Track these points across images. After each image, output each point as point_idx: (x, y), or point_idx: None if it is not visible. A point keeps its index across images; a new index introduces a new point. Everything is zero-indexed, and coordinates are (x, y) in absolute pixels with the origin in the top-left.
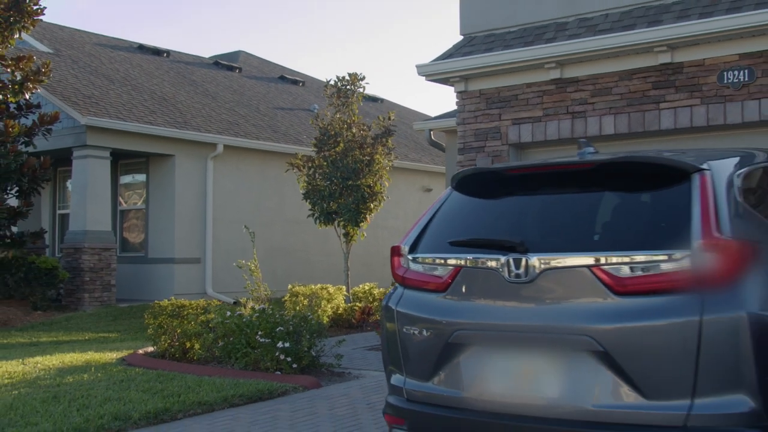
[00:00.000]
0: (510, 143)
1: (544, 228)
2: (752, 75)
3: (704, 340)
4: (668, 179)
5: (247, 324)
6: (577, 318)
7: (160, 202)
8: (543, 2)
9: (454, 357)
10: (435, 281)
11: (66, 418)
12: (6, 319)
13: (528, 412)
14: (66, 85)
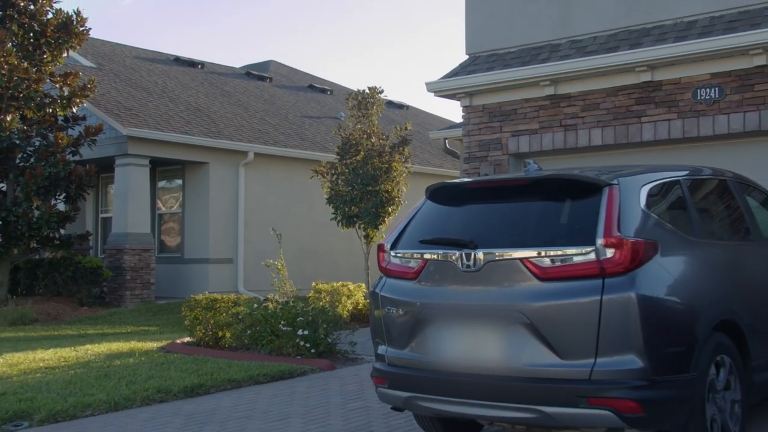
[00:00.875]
0: (510, 153)
1: (490, 229)
2: (722, 92)
3: (603, 315)
4: (585, 192)
5: (272, 315)
6: (511, 298)
7: (195, 206)
8: (538, 26)
9: (422, 330)
10: (409, 271)
11: (117, 391)
12: (56, 313)
13: (476, 371)
14: (109, 98)
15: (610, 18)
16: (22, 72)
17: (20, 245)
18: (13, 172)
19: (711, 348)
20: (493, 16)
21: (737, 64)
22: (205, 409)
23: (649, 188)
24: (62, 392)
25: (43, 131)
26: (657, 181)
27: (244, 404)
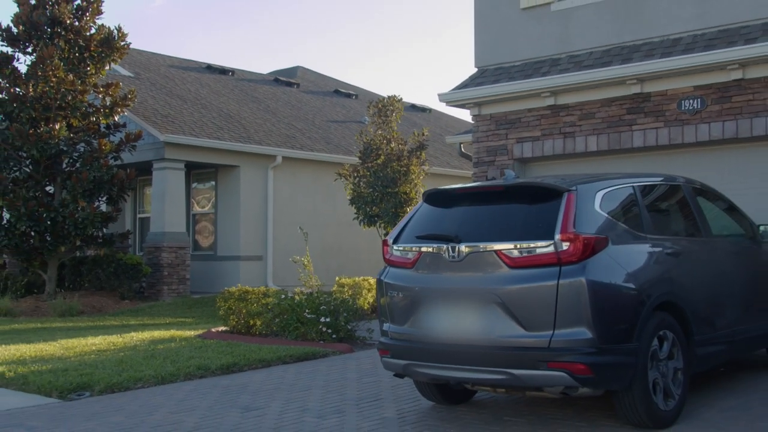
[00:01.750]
0: (515, 158)
1: (472, 226)
2: (704, 103)
3: (560, 295)
4: (549, 197)
5: (298, 305)
6: (487, 282)
7: (227, 206)
8: (540, 42)
9: (417, 309)
10: (407, 261)
11: (162, 368)
12: (100, 306)
13: (459, 341)
14: (146, 106)
15: (604, 35)
16: (69, 84)
17: (67, 243)
18: (61, 176)
19: (654, 324)
20: (499, 34)
21: (717, 77)
22: (239, 383)
23: (604, 193)
24: (116, 369)
25: (88, 138)
26: (611, 188)
27: (273, 379)
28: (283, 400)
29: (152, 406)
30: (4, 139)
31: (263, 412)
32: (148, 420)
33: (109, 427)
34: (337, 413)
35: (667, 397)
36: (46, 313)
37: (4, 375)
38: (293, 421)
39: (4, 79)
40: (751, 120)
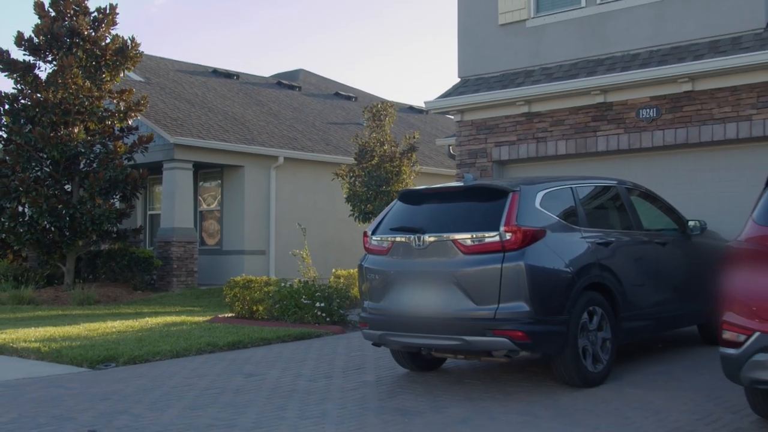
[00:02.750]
0: (493, 160)
1: (435, 220)
2: (659, 112)
3: (503, 276)
4: (497, 196)
5: (296, 291)
6: (446, 266)
7: (232, 204)
8: (516, 55)
9: (390, 288)
10: (383, 249)
11: (176, 344)
12: (115, 296)
13: (424, 314)
14: (157, 110)
15: (572, 50)
16: (87, 91)
17: (84, 238)
18: (78, 175)
19: (584, 301)
20: (480, 47)
21: (670, 89)
22: (243, 357)
23: (544, 193)
24: (136, 345)
25: (104, 141)
26: (551, 189)
27: (272, 354)
28: (280, 369)
29: (169, 374)
30: (27, 142)
31: (263, 377)
32: (167, 383)
33: (135, 387)
34: (325, 378)
35: (596, 362)
36: (65, 301)
37: (39, 350)
38: (288, 383)
39: (26, 85)
40: (699, 128)
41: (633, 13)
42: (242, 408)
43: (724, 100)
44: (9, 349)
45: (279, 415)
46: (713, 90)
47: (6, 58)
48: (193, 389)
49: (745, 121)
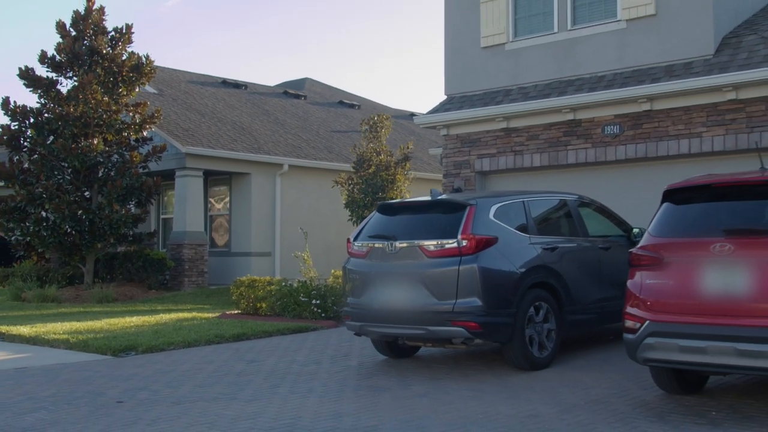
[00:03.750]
0: (476, 171)
1: (405, 229)
2: (621, 129)
3: (460, 276)
4: (457, 209)
5: (295, 290)
6: (413, 267)
7: (240, 209)
8: (496, 76)
9: (368, 286)
10: (362, 253)
11: (188, 335)
12: (131, 295)
13: (394, 308)
14: (169, 120)
15: (546, 72)
16: (105, 105)
17: (103, 241)
18: (97, 183)
19: (530, 297)
20: (464, 68)
21: (631, 108)
22: (247, 347)
23: (497, 207)
24: (153, 337)
25: (121, 151)
26: (504, 202)
27: (272, 344)
28: (278, 356)
29: (182, 360)
30: (50, 152)
31: (263, 363)
32: (180, 367)
33: (152, 371)
34: (315, 363)
35: (542, 349)
36: (85, 299)
37: (68, 341)
38: (283, 368)
39: (49, 100)
40: (656, 143)
41: (599, 39)
42: (243, 386)
43: (678, 118)
44: (41, 340)
45: (273, 391)
46: (669, 109)
47: (31, 75)
48: (202, 372)
49: (696, 137)
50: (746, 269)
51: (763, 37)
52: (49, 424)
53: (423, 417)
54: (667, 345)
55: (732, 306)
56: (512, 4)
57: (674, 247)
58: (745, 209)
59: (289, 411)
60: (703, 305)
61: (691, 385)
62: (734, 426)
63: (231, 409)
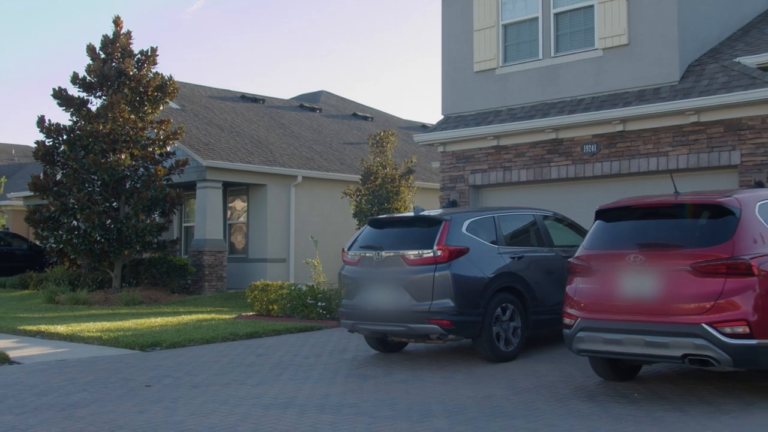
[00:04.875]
0: (470, 185)
1: (391, 241)
2: (598, 148)
3: (435, 281)
4: (434, 223)
5: (303, 293)
6: (397, 274)
7: (256, 218)
8: (488, 98)
9: (359, 289)
10: (354, 261)
11: (206, 333)
12: (155, 298)
13: (380, 308)
14: (191, 136)
15: (531, 95)
16: (132, 123)
17: (129, 248)
18: (124, 194)
19: (497, 300)
20: (459, 91)
21: (606, 129)
22: (257, 343)
23: (470, 221)
24: (175, 334)
25: (146, 165)
26: (476, 218)
27: (281, 341)
28: (284, 351)
29: (200, 354)
30: (82, 166)
31: (271, 356)
32: (199, 360)
33: (175, 362)
34: (315, 356)
35: (508, 344)
36: (114, 302)
37: (101, 338)
38: (288, 360)
39: (80, 118)
40: (629, 161)
41: (579, 66)
42: (251, 374)
43: (648, 138)
44: (77, 337)
45: (276, 378)
46: (640, 130)
47: (64, 95)
48: (217, 363)
49: (663, 156)
50: (653, 277)
51: (723, 66)
52: (91, 402)
53: (396, 397)
54: (594, 338)
55: (642, 306)
56: (502, 32)
57: (600, 258)
58: (656, 226)
59: (287, 393)
60: (621, 306)
61: (624, 373)
62: (648, 404)
63: (240, 391)
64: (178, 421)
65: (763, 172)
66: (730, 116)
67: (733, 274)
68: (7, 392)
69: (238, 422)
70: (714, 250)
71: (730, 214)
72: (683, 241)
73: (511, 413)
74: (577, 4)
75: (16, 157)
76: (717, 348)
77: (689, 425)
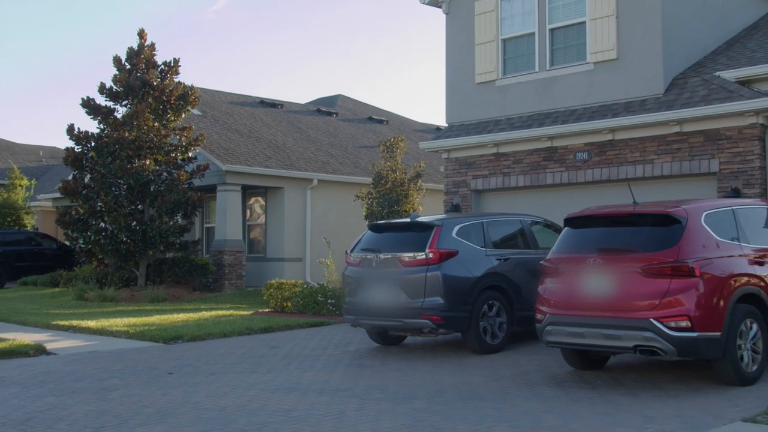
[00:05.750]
0: (472, 190)
1: (388, 244)
2: (590, 155)
3: (427, 281)
4: (426, 229)
5: (314, 291)
6: (393, 273)
7: (274, 219)
8: (488, 108)
9: (360, 288)
10: (356, 262)
11: (224, 328)
12: (178, 295)
13: (379, 305)
14: (212, 141)
15: (529, 105)
16: (155, 130)
17: (154, 248)
18: (149, 198)
19: (484, 297)
20: (462, 101)
21: (597, 138)
22: (271, 337)
23: (459, 227)
24: (196, 329)
25: (169, 170)
26: (465, 223)
27: (292, 335)
28: (294, 344)
29: (218, 346)
30: (109, 171)
31: (281, 348)
32: (216, 351)
33: (195, 354)
34: (322, 348)
35: (494, 337)
36: (139, 299)
37: (128, 332)
38: (297, 351)
39: (107, 126)
40: (618, 168)
41: (572, 78)
42: (262, 364)
43: (635, 147)
44: (106, 331)
45: (284, 367)
46: (627, 139)
47: (92, 104)
48: (233, 355)
49: (649, 164)
50: (609, 277)
51: (704, 80)
52: (120, 386)
53: (388, 383)
54: (560, 331)
55: (600, 303)
56: (501, 46)
57: (566, 261)
58: (614, 233)
59: (293, 379)
60: (583, 303)
61: (593, 363)
62: (607, 389)
63: (251, 378)
64: (196, 402)
65: (740, 179)
66: (710, 127)
67: (677, 276)
68: (47, 378)
69: (247, 403)
70: (661, 254)
71: (677, 223)
72: (636, 246)
73: (484, 396)
74: (571, 20)
75: (44, 158)
76: (663, 340)
77: (635, 405)
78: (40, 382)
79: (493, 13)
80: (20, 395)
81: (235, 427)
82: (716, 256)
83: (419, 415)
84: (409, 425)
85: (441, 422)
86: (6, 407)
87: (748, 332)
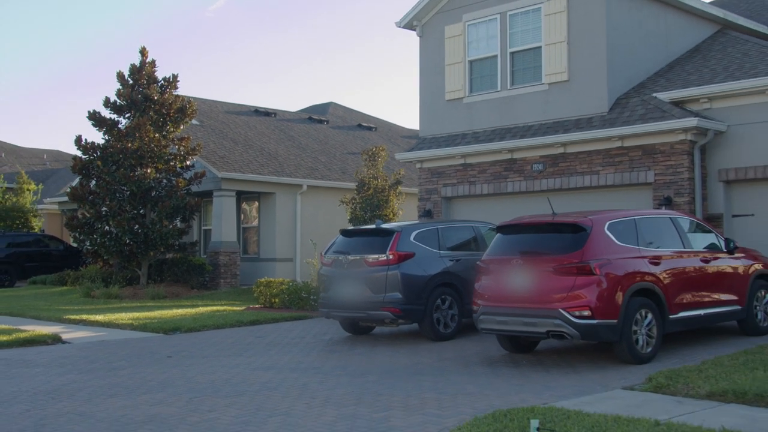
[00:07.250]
0: (442, 197)
1: (356, 247)
2: (545, 167)
3: (387, 279)
4: (389, 234)
5: (299, 288)
6: (359, 272)
7: (266, 222)
8: (457, 123)
9: (331, 285)
10: (329, 263)
11: (218, 321)
12: (177, 293)
13: (348, 299)
14: (208, 150)
15: (492, 121)
16: (156, 141)
17: (155, 250)
18: (150, 203)
19: (437, 293)
20: (434, 116)
21: (551, 151)
22: (257, 328)
23: (416, 232)
24: (192, 322)
25: (168, 177)
26: (422, 229)
27: (277, 327)
28: (277, 334)
29: (211, 336)
30: (113, 179)
31: (266, 337)
32: (210, 341)
33: (191, 342)
34: (300, 337)
35: (446, 327)
36: (141, 297)
37: (132, 324)
38: (279, 340)
39: (111, 137)
40: (569, 178)
41: (530, 97)
42: (248, 349)
43: (583, 159)
44: (113, 324)
45: (266, 352)
46: (577, 153)
47: (97, 117)
48: (224, 343)
49: (595, 174)
50: (528, 275)
51: (643, 100)
52: (127, 366)
53: (350, 363)
54: (490, 320)
55: (521, 297)
56: (468, 67)
57: (495, 262)
58: (534, 239)
59: (272, 361)
60: (508, 296)
61: (523, 347)
62: (528, 367)
63: (237, 360)
64: (190, 377)
65: (672, 189)
66: (646, 142)
67: (581, 274)
68: (66, 361)
69: (232, 377)
70: (569, 256)
71: (583, 231)
72: (551, 249)
73: (426, 372)
74: (529, 45)
75: (48, 162)
76: (569, 326)
77: (544, 379)
78: (60, 364)
79: (461, 37)
80: (45, 373)
81: (221, 393)
82: (616, 258)
83: (368, 386)
84: (357, 392)
85: (383, 389)
86: (35, 382)
87: (643, 320)
